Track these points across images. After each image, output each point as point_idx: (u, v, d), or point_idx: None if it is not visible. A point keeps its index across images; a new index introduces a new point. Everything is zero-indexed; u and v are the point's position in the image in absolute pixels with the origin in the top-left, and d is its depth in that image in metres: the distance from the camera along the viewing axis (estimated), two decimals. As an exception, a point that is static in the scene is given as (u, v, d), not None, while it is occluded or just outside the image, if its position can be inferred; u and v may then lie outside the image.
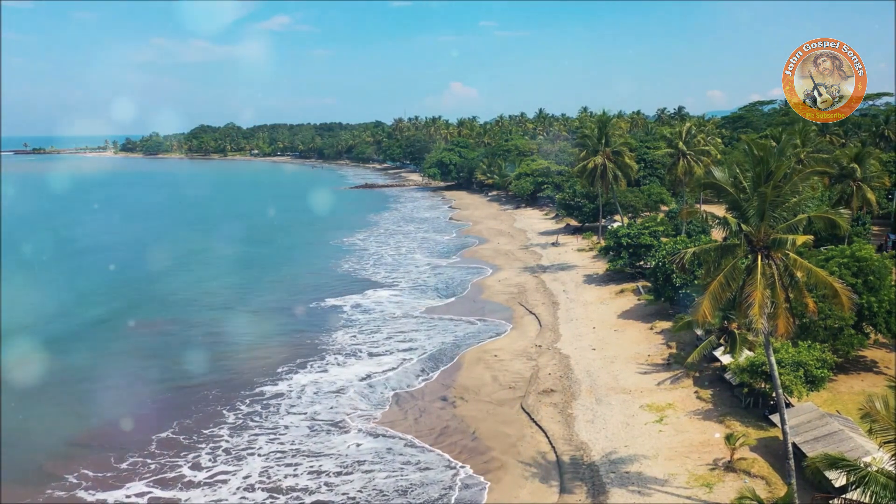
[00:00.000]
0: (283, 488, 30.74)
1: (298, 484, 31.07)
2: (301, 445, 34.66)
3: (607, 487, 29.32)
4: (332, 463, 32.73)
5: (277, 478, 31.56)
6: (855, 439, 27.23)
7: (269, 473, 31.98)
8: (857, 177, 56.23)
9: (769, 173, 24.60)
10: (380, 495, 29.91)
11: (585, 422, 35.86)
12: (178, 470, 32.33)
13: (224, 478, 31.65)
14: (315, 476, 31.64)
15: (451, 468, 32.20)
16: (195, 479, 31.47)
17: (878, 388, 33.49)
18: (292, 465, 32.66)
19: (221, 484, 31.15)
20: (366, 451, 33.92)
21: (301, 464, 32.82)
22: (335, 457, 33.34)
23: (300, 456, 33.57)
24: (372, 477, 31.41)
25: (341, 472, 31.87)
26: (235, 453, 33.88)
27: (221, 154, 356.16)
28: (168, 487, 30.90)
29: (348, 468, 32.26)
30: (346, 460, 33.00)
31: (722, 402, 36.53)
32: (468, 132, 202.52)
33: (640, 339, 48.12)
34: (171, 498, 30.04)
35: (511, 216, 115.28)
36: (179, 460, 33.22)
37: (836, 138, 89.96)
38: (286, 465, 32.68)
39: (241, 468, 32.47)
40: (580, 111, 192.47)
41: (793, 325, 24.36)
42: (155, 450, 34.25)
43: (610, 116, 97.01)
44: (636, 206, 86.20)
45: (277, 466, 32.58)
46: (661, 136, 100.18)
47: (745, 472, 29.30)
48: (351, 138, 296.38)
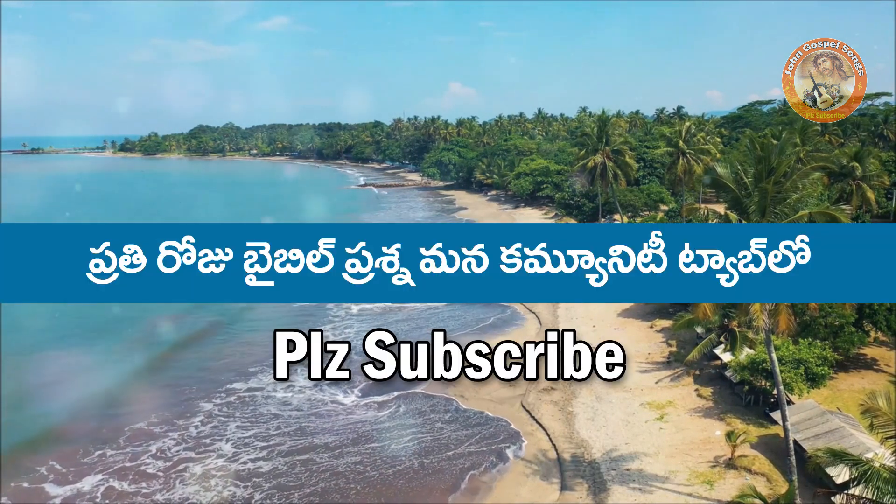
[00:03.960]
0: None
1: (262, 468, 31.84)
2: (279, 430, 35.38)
3: (608, 485, 29.32)
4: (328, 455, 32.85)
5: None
6: (856, 436, 27.25)
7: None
8: (857, 175, 56.30)
9: (771, 170, 24.63)
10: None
11: (586, 419, 35.87)
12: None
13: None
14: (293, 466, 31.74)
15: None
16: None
17: (879, 386, 33.48)
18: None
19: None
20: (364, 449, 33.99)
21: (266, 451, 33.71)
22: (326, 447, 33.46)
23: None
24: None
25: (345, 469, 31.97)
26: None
27: (220, 154, 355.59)
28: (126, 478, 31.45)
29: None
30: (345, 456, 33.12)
31: (722, 400, 36.56)
32: (467, 132, 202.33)
33: (641, 337, 48.15)
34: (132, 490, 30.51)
35: (510, 215, 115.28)
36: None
37: (836, 138, 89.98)
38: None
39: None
40: (579, 111, 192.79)
41: (794, 322, 24.37)
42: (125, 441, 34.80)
43: (609, 116, 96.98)
44: (636, 206, 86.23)
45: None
46: (661, 136, 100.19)
47: (746, 470, 29.31)
48: (350, 138, 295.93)
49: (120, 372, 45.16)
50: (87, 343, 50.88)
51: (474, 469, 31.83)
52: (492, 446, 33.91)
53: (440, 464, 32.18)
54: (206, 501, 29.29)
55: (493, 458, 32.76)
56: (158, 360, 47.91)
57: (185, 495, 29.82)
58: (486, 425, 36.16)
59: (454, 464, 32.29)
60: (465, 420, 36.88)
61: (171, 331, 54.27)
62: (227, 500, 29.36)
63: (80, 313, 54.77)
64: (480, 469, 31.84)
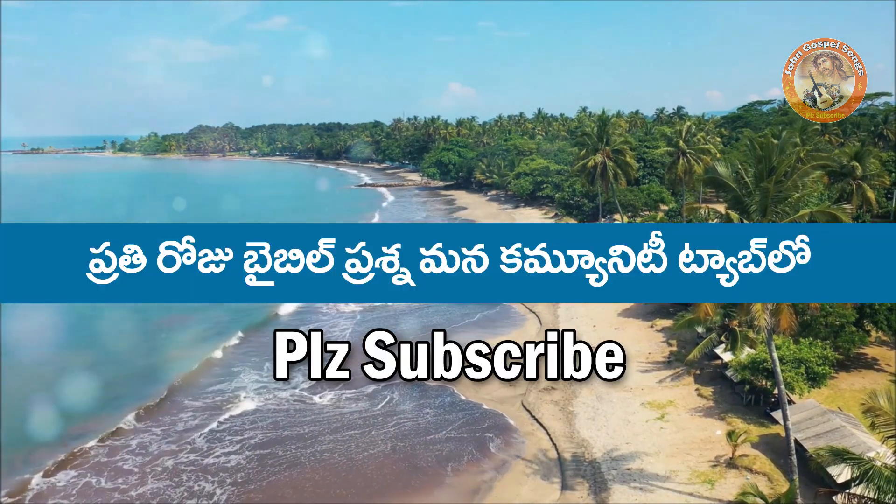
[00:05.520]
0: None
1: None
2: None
3: (609, 484, 29.32)
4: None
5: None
6: (857, 435, 27.25)
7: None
8: (857, 175, 56.28)
9: (772, 169, 24.62)
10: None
11: (586, 419, 35.86)
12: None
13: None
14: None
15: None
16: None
17: (880, 386, 33.44)
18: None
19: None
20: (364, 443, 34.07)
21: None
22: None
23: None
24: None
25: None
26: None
27: (220, 154, 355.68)
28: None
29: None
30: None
31: (723, 400, 36.55)
32: (467, 132, 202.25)
33: (641, 337, 48.14)
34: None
35: (510, 215, 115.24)
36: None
37: (835, 138, 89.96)
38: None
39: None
40: (579, 111, 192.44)
41: (795, 321, 24.37)
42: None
43: (609, 116, 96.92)
44: (636, 206, 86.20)
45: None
46: (662, 135, 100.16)
47: (747, 469, 29.31)
48: (350, 138, 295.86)
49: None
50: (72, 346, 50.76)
51: (454, 459, 32.68)
52: (475, 434, 34.83)
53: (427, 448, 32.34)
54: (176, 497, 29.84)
55: (473, 449, 33.59)
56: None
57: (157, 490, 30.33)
58: (467, 409, 36.54)
59: (431, 449, 33.38)
60: (453, 407, 37.36)
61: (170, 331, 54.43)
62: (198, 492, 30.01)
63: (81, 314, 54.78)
64: (462, 461, 32.62)
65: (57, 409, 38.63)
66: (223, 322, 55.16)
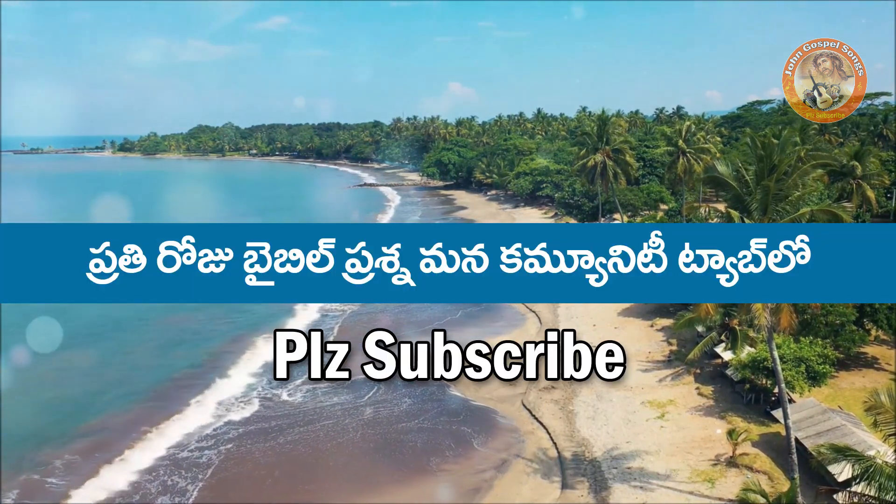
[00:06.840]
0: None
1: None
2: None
3: (609, 483, 29.33)
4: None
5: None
6: (858, 434, 27.26)
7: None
8: (857, 175, 56.31)
9: (772, 167, 24.63)
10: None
11: (586, 418, 35.87)
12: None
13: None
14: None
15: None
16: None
17: (880, 384, 33.48)
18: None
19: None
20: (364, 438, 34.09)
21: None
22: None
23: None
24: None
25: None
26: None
27: (220, 154, 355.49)
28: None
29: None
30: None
31: (723, 399, 36.57)
32: (467, 132, 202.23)
33: (641, 336, 48.15)
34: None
35: (510, 215, 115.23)
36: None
37: (835, 137, 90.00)
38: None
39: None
40: (578, 111, 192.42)
41: (795, 320, 24.38)
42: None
43: (609, 115, 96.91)
44: (636, 205, 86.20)
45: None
46: (661, 135, 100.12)
47: (748, 468, 29.31)
48: (349, 138, 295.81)
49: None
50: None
51: (454, 458, 32.90)
52: (476, 433, 35.20)
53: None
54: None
55: (473, 448, 33.76)
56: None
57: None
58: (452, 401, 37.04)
59: (431, 448, 33.82)
60: (453, 406, 38.06)
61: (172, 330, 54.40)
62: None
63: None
64: (462, 460, 32.82)
65: (38, 409, 38.87)
66: (220, 321, 55.31)
